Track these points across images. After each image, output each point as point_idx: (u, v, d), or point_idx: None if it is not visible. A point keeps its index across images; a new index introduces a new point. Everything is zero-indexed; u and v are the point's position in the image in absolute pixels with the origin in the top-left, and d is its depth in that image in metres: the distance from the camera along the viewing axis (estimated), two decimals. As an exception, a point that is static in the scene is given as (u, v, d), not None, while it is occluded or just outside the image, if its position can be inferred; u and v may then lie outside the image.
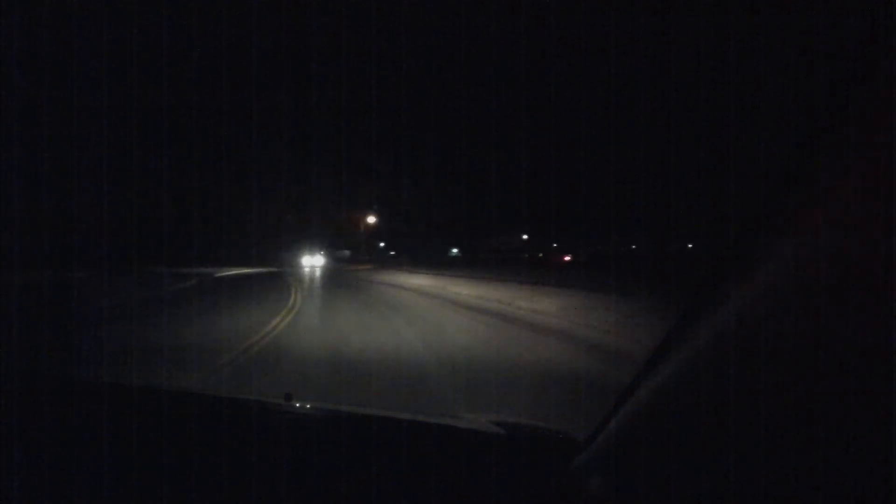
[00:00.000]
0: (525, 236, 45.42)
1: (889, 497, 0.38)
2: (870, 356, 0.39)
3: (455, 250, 47.44)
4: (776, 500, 0.48)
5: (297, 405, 1.18)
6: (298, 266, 33.59)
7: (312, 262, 34.53)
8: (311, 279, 19.14)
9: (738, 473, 0.52)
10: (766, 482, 0.49)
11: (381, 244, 47.25)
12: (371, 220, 40.59)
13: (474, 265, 27.49)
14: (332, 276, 21.37)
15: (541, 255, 36.66)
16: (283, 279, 18.12)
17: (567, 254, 34.32)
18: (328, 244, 43.32)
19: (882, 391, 0.38)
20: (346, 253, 45.58)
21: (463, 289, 12.15)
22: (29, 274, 12.11)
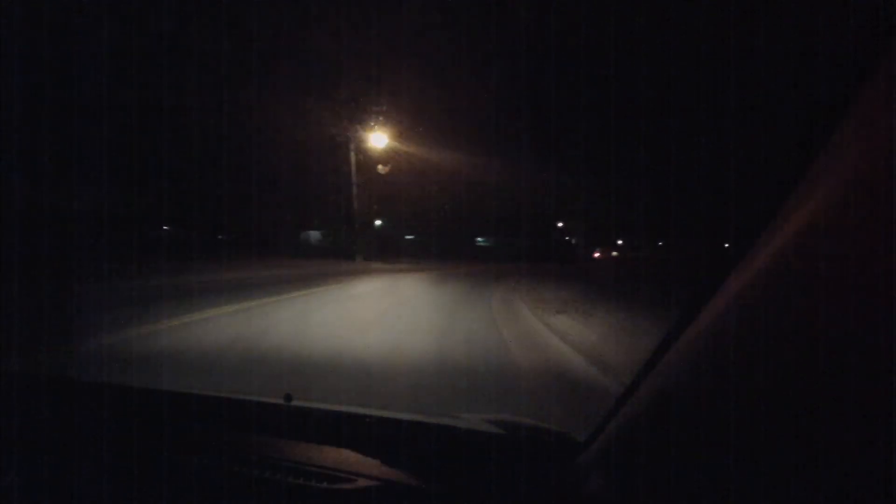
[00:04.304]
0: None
1: (889, 497, 0.38)
2: (869, 355, 0.39)
3: (480, 239, 35.52)
4: (776, 500, 0.49)
5: (297, 405, 1.18)
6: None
7: None
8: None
9: (738, 473, 0.52)
10: (766, 482, 0.49)
11: (372, 223, 21.77)
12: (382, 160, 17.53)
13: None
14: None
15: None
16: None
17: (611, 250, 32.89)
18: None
19: (882, 390, 0.38)
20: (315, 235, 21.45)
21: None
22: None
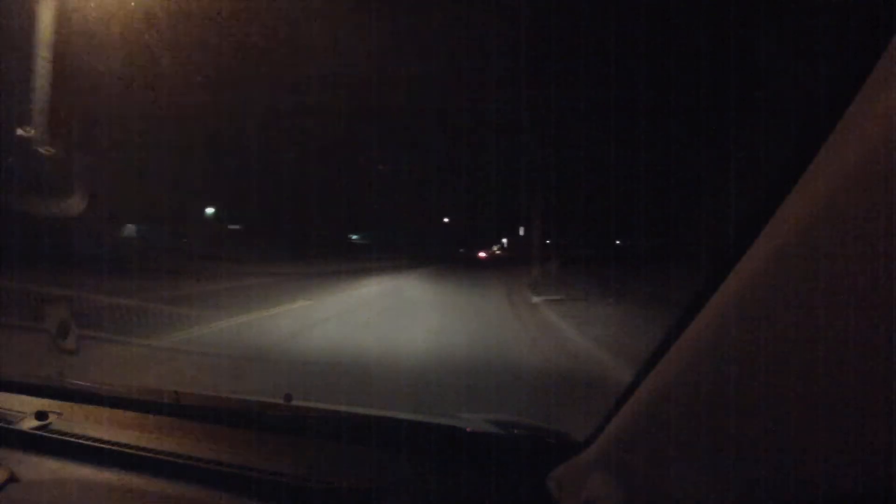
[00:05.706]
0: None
1: (889, 497, 0.38)
2: (870, 355, 0.39)
3: (355, 236, 30.62)
4: (776, 500, 0.48)
5: (297, 405, 1.18)
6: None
7: None
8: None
9: (738, 473, 0.52)
10: (767, 482, 0.49)
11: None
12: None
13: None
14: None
15: (462, 250, 34.93)
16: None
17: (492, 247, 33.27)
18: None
19: (882, 391, 0.38)
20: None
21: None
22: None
